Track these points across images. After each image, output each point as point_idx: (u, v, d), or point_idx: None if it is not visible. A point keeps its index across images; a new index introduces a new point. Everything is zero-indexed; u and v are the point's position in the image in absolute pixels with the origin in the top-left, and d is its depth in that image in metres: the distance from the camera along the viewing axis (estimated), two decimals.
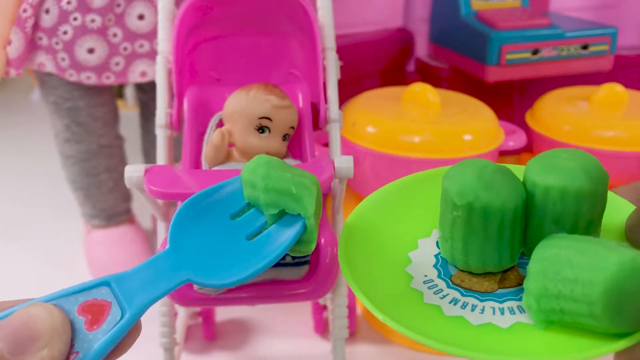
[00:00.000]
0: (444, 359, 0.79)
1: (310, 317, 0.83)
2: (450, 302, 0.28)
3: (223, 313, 0.86)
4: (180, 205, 0.30)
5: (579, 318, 0.25)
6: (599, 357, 0.25)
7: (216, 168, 0.60)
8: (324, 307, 0.81)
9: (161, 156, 0.64)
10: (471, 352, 0.24)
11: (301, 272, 0.55)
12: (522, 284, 0.29)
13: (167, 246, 0.28)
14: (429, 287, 0.29)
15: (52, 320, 0.24)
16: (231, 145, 0.61)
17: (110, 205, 0.99)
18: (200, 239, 0.29)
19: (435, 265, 0.31)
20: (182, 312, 0.78)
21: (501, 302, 0.28)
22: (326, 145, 0.82)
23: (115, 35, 0.86)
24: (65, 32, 0.83)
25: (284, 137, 0.61)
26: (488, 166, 0.29)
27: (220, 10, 0.66)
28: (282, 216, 0.31)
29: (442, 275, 0.30)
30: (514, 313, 0.27)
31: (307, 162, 0.62)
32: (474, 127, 0.86)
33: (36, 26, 0.83)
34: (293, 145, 0.64)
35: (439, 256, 0.31)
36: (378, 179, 0.87)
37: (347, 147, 0.88)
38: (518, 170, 0.32)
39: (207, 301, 0.55)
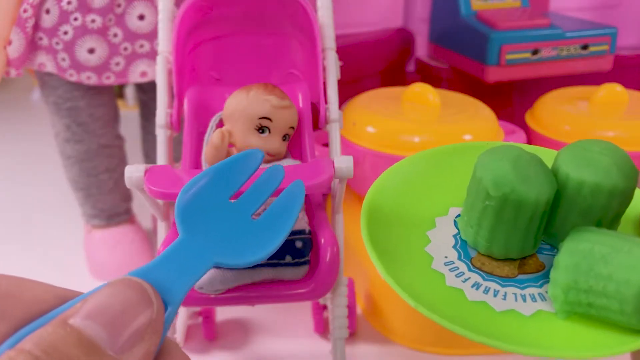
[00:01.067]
0: (444, 359, 0.79)
1: (310, 317, 0.84)
2: (472, 287, 0.28)
3: (223, 313, 0.86)
4: (177, 197, 0.29)
5: (607, 313, 0.25)
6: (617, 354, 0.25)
7: None
8: (324, 307, 0.82)
9: (161, 156, 0.64)
10: (503, 342, 0.24)
11: (301, 272, 0.55)
12: (540, 270, 0.29)
13: (181, 234, 0.27)
14: (450, 270, 0.29)
15: (151, 307, 0.21)
16: (231, 145, 0.61)
17: (110, 205, 0.99)
18: (209, 223, 0.28)
19: (454, 247, 0.30)
20: (182, 312, 0.78)
21: (522, 289, 0.28)
22: (326, 145, 0.82)
23: (115, 35, 0.86)
24: (65, 32, 0.83)
25: (284, 137, 0.61)
26: (522, 156, 0.29)
27: (221, 10, 0.66)
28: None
29: (462, 257, 0.30)
30: (535, 300, 0.28)
31: (307, 162, 0.62)
32: (473, 127, 0.86)
33: (36, 26, 0.83)
34: (293, 145, 0.64)
35: (457, 237, 0.31)
36: None
37: (347, 147, 0.88)
38: (545, 154, 0.31)
39: (207, 301, 0.55)
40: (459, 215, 0.32)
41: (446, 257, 0.30)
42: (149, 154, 1.07)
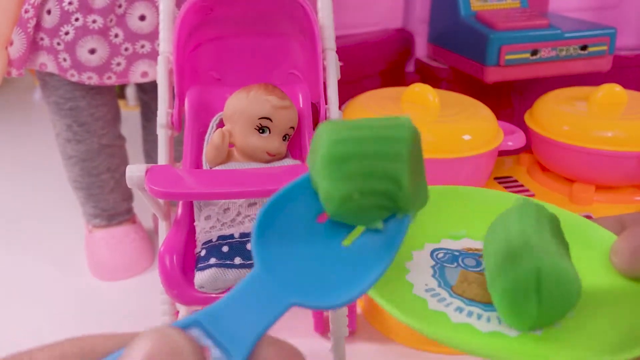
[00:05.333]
0: (443, 358, 0.79)
1: (311, 316, 0.84)
2: (455, 310, 0.28)
3: None
4: (257, 213, 0.24)
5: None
6: None
7: (217, 168, 0.60)
8: None
9: (162, 156, 0.64)
10: (493, 353, 0.24)
11: None
12: None
13: (256, 267, 0.22)
14: (431, 296, 0.29)
15: (181, 356, 0.18)
16: (231, 145, 0.61)
17: (111, 205, 0.99)
18: (289, 252, 0.23)
19: (433, 276, 0.31)
20: (183, 311, 0.79)
21: None
22: None
23: (116, 35, 0.86)
24: (66, 33, 0.84)
25: (284, 137, 0.61)
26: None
27: (221, 11, 0.67)
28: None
29: (442, 285, 0.30)
30: None
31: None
32: (473, 127, 0.87)
33: (38, 27, 0.84)
34: (293, 145, 0.65)
35: (435, 268, 0.31)
36: None
37: None
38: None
39: (207, 300, 0.55)
40: (435, 250, 0.33)
41: (426, 284, 0.30)
42: (150, 154, 1.08)
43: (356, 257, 0.23)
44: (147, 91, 1.02)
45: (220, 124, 0.64)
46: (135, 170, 0.53)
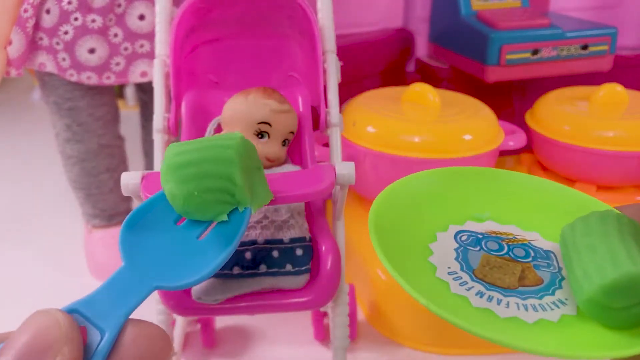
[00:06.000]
0: (444, 358, 0.79)
1: (311, 324, 0.83)
2: (476, 295, 0.29)
3: (222, 320, 0.86)
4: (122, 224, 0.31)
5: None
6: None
7: None
8: (325, 314, 0.81)
9: (159, 162, 0.62)
10: (509, 340, 0.25)
11: (301, 280, 0.54)
12: (539, 284, 0.31)
13: (123, 263, 0.28)
14: (454, 279, 0.30)
15: (59, 327, 0.23)
16: None
17: (110, 205, 0.99)
18: (153, 249, 0.29)
19: (456, 259, 0.32)
20: (180, 319, 0.78)
21: (524, 299, 0.29)
22: (326, 145, 0.82)
23: (115, 35, 0.86)
24: (66, 32, 0.83)
25: (284, 142, 0.59)
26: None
27: (219, 12, 0.66)
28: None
29: (464, 269, 0.31)
30: (537, 310, 0.29)
31: (308, 168, 0.62)
32: (473, 127, 0.86)
33: (37, 26, 0.83)
34: (293, 150, 0.63)
35: (459, 250, 0.32)
36: (378, 179, 0.87)
37: (347, 147, 0.88)
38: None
39: (205, 311, 0.54)
40: (459, 232, 0.34)
41: (449, 267, 0.31)
42: (149, 154, 1.08)
43: (208, 247, 0.30)
44: (147, 91, 1.02)
45: (218, 129, 0.63)
46: (130, 178, 0.50)
